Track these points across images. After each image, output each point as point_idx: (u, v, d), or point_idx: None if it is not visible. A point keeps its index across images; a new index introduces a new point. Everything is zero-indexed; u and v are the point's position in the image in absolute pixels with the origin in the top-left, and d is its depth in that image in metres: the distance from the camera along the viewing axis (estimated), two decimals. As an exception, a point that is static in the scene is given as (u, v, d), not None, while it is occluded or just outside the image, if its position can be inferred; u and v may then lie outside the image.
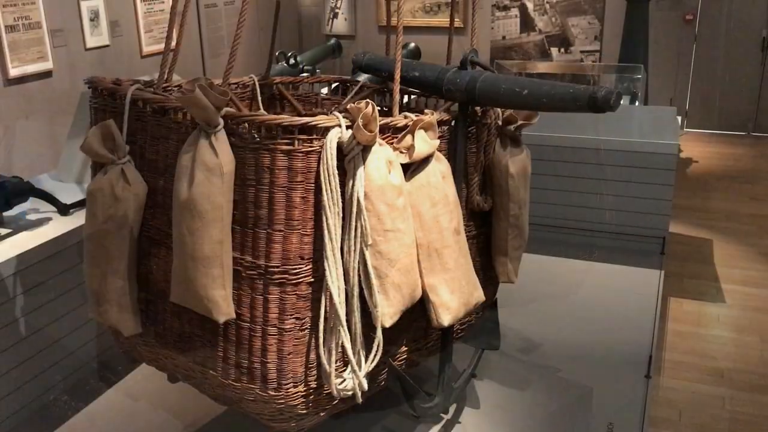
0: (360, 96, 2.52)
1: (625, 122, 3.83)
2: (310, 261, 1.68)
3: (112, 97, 1.96)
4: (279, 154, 1.61)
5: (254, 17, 7.98)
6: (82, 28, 5.85)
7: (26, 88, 5.37)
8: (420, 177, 1.78)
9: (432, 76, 1.99)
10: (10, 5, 5.11)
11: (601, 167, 3.57)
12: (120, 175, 1.84)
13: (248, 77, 2.56)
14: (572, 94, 1.69)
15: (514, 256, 2.18)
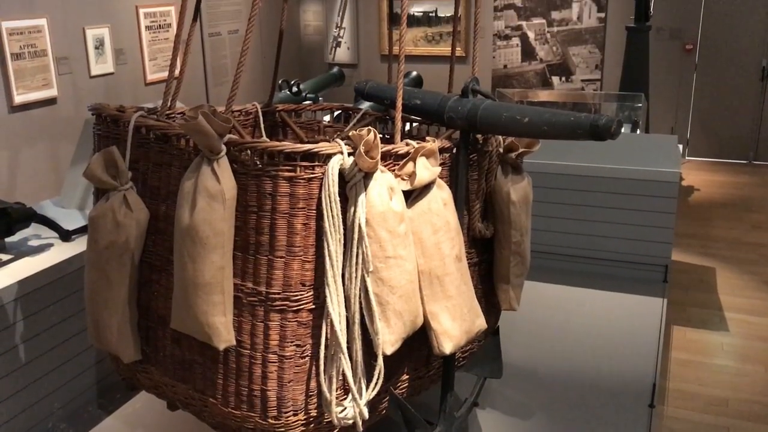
0: (362, 123, 2.54)
1: (626, 150, 3.83)
2: (312, 288, 1.67)
3: (116, 124, 1.97)
4: (281, 181, 1.61)
5: (258, 46, 8.05)
6: (87, 55, 5.91)
7: (30, 114, 5.40)
8: (421, 204, 1.78)
9: (434, 104, 2.01)
10: (16, 33, 5.17)
11: (602, 195, 3.57)
12: (122, 202, 1.84)
13: (251, 104, 2.58)
14: (573, 122, 1.70)
15: (516, 283, 2.17)
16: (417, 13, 8.96)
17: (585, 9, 8.50)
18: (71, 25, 5.72)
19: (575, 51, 8.67)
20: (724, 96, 8.36)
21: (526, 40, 8.81)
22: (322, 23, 9.61)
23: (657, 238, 3.53)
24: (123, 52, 6.33)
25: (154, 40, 6.69)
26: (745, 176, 8.02)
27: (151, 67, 6.67)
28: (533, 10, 8.67)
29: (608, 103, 7.67)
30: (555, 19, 8.62)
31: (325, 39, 9.60)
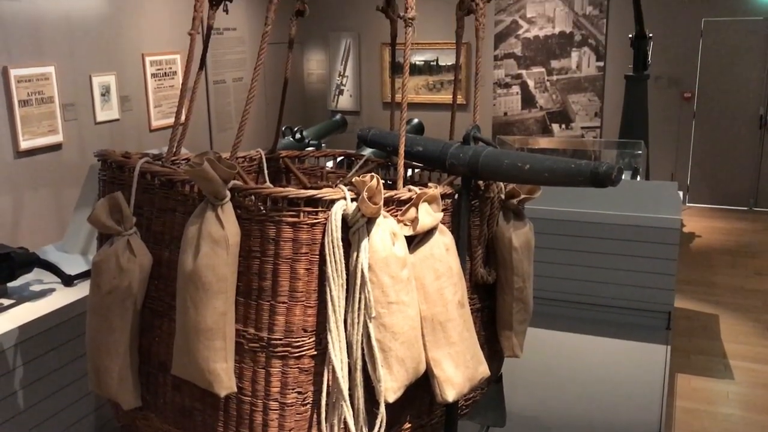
0: (365, 169, 2.56)
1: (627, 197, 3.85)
2: (313, 333, 1.67)
3: (121, 170, 1.99)
4: (284, 226, 1.62)
5: (262, 93, 8.17)
6: (93, 102, 6.00)
7: (36, 160, 5.45)
8: (424, 249, 1.79)
9: (435, 151, 2.03)
10: (25, 81, 5.25)
11: (604, 241, 3.58)
12: (126, 247, 1.85)
13: (255, 151, 2.61)
14: (574, 169, 1.71)
15: (519, 330, 2.16)
16: (419, 62, 9.11)
17: (584, 58, 8.63)
18: (78, 72, 5.82)
19: (575, 99, 8.78)
20: (723, 143, 8.43)
21: (526, 88, 8.93)
22: (325, 72, 9.76)
23: (659, 284, 3.52)
24: (128, 99, 6.42)
25: (160, 87, 6.79)
26: (745, 223, 8.03)
27: (156, 113, 6.75)
28: (533, 59, 8.81)
29: (608, 150, 7.73)
30: (554, 68, 8.76)
31: (328, 87, 9.73)
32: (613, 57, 8.48)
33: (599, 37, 8.51)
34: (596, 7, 8.45)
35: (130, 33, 6.39)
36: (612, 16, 8.42)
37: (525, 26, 8.75)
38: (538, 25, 8.70)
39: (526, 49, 8.80)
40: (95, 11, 5.99)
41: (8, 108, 5.17)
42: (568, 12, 8.55)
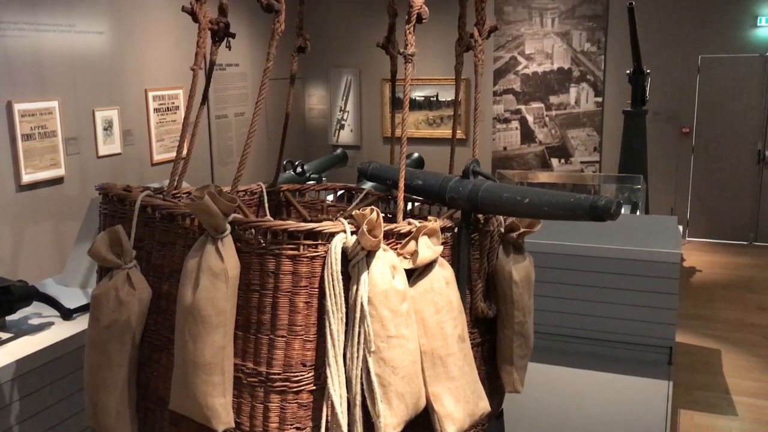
0: (365, 203, 2.57)
1: (626, 231, 3.86)
2: (312, 368, 1.66)
3: (122, 203, 2.00)
4: (284, 259, 1.63)
5: (263, 128, 8.23)
6: (96, 136, 6.04)
7: (37, 193, 5.47)
8: (424, 282, 1.78)
9: (435, 185, 2.04)
10: (28, 115, 5.30)
11: (604, 275, 3.57)
12: (125, 280, 1.85)
13: (256, 185, 2.62)
14: (574, 203, 1.72)
15: (520, 364, 2.14)
16: (419, 98, 9.19)
17: (582, 93, 8.72)
18: (82, 107, 5.87)
19: (573, 134, 8.84)
20: (721, 178, 8.46)
21: (525, 123, 9.00)
22: (326, 107, 9.85)
23: (660, 319, 3.51)
24: (131, 133, 6.46)
25: (162, 122, 6.84)
26: (746, 257, 8.02)
27: (158, 147, 6.79)
28: (532, 95, 8.89)
29: (607, 184, 7.77)
30: (553, 103, 8.83)
31: (329, 121, 9.81)
32: (612, 92, 8.56)
33: (597, 73, 8.60)
34: (594, 43, 8.56)
35: (133, 68, 6.47)
36: (610, 53, 8.53)
37: (524, 62, 8.86)
38: (536, 62, 8.81)
39: (525, 84, 8.89)
40: (99, 47, 6.06)
41: (11, 142, 5.20)
42: (567, 48, 8.66)
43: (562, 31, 8.63)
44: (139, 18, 6.48)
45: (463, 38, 2.34)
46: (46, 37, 5.49)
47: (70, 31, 5.72)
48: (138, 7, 6.47)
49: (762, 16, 7.92)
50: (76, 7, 5.77)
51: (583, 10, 8.50)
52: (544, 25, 8.69)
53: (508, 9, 8.75)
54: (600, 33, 8.50)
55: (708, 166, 8.50)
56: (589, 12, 8.49)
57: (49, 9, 5.51)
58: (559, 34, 8.65)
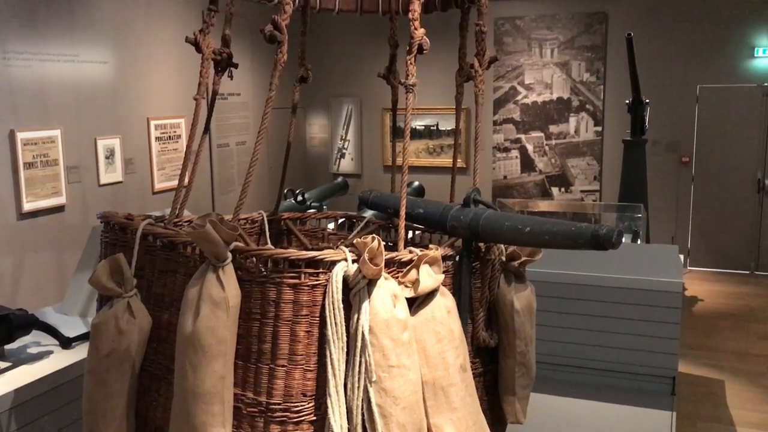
0: (366, 231, 2.57)
1: (627, 260, 3.85)
2: (313, 398, 1.64)
3: (123, 232, 2.00)
4: (285, 288, 1.62)
5: (264, 156, 8.26)
6: (98, 165, 6.06)
7: (38, 222, 5.48)
8: (425, 311, 1.78)
9: (436, 213, 2.04)
10: (31, 144, 5.33)
11: (605, 304, 3.56)
12: (126, 309, 1.84)
13: (257, 213, 2.63)
14: (575, 231, 1.72)
15: (522, 395, 2.13)
16: (419, 127, 9.25)
17: (582, 123, 8.77)
18: (84, 135, 5.90)
19: (573, 163, 8.87)
20: (722, 207, 8.48)
21: (525, 152, 9.04)
22: (327, 136, 9.90)
23: (662, 349, 3.49)
24: (132, 162, 6.49)
25: (164, 151, 6.87)
26: (747, 287, 8.00)
27: (159, 176, 6.81)
28: (531, 124, 8.94)
29: (608, 213, 7.77)
30: (553, 133, 8.88)
31: (330, 150, 9.86)
32: (611, 122, 8.61)
33: (597, 103, 8.66)
34: (593, 74, 8.63)
35: (136, 97, 6.52)
36: (609, 83, 8.59)
37: (523, 92, 8.92)
38: (536, 92, 8.87)
39: (524, 114, 8.95)
40: (103, 76, 6.12)
41: (13, 170, 5.22)
42: (566, 79, 8.73)
43: (562, 61, 8.71)
44: (142, 48, 6.55)
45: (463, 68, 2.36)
46: (49, 67, 5.55)
47: (73, 60, 5.78)
48: (142, 37, 6.54)
49: (759, 47, 8.00)
50: (80, 37, 5.84)
51: (582, 41, 8.59)
52: (544, 55, 8.78)
53: (507, 40, 8.85)
54: (599, 63, 8.57)
55: (708, 195, 8.52)
56: (588, 42, 8.57)
57: (54, 39, 5.57)
58: (558, 64, 8.73)
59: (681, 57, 8.28)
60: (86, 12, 5.89)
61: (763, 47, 7.99)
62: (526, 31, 8.80)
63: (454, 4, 2.45)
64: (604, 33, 8.51)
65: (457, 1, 2.43)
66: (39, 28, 5.44)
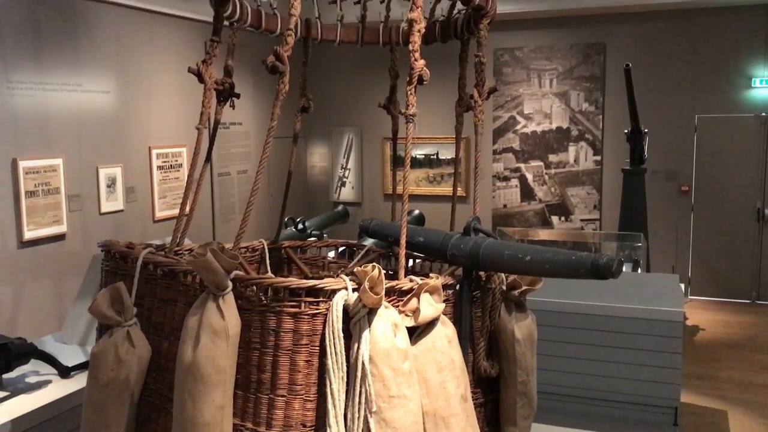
0: (366, 260, 2.57)
1: (628, 289, 3.85)
2: (312, 429, 1.63)
3: (124, 260, 2.00)
4: (285, 317, 1.62)
5: (266, 185, 8.29)
6: (99, 193, 6.08)
7: (39, 250, 5.48)
8: (426, 341, 1.77)
9: (436, 242, 2.05)
10: (33, 172, 5.35)
11: (606, 334, 3.54)
12: (125, 338, 1.84)
13: (258, 241, 2.63)
14: (575, 260, 1.72)
15: (524, 425, 2.11)
16: (419, 156, 9.29)
17: (581, 152, 8.81)
18: (86, 164, 5.93)
19: (573, 192, 8.89)
20: (722, 236, 8.47)
21: (525, 181, 9.06)
22: (328, 164, 9.94)
23: (664, 378, 3.46)
24: (134, 191, 6.51)
25: (165, 179, 6.90)
26: (749, 316, 7.97)
27: (161, 204, 6.83)
28: (531, 153, 8.98)
29: (608, 242, 7.77)
30: (552, 162, 8.92)
31: (331, 179, 9.89)
32: (610, 151, 8.65)
33: (596, 132, 8.71)
34: (592, 103, 8.69)
35: (138, 126, 6.56)
36: (607, 112, 8.65)
37: (523, 122, 8.98)
38: (535, 121, 8.93)
39: (524, 143, 8.99)
40: (105, 105, 6.17)
41: (15, 199, 5.24)
42: (565, 108, 8.80)
43: (560, 91, 8.78)
44: (145, 77, 6.61)
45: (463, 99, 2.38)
46: (53, 96, 5.59)
47: (76, 90, 5.83)
48: (144, 66, 6.60)
49: (756, 78, 8.06)
50: (84, 66, 5.90)
51: (581, 71, 8.67)
52: (543, 85, 8.85)
53: (507, 70, 8.93)
54: (598, 93, 8.64)
55: (708, 224, 8.52)
56: (587, 73, 8.65)
57: (57, 69, 5.62)
58: (557, 94, 8.80)
59: (679, 87, 8.35)
60: (90, 42, 5.96)
61: (761, 78, 8.06)
62: (525, 62, 8.88)
63: (454, 35, 2.48)
64: (603, 63, 8.59)
65: (456, 33, 2.47)
66: (43, 58, 5.50)
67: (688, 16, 8.18)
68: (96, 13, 6.01)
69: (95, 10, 6.00)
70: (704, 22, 8.15)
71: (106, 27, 6.12)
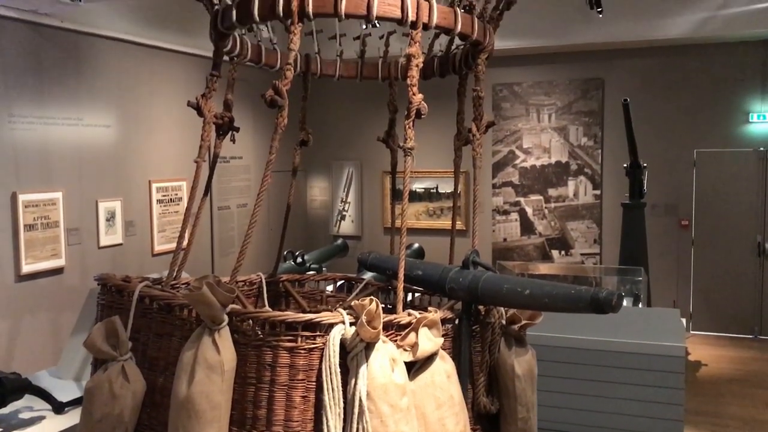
0: (364, 293, 2.56)
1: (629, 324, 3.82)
2: (309, 467, 1.60)
3: (120, 294, 1.99)
4: (281, 351, 1.60)
5: (265, 218, 8.29)
6: (98, 227, 6.08)
7: (36, 284, 5.45)
8: (424, 376, 1.75)
9: (435, 275, 2.03)
10: (32, 206, 5.35)
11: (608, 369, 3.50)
12: (120, 372, 1.81)
13: (255, 275, 2.61)
14: (574, 294, 1.71)
15: (524, 463, 2.07)
16: (419, 189, 9.31)
17: (580, 186, 8.83)
18: (85, 198, 5.94)
19: (573, 226, 8.89)
20: (723, 270, 8.44)
21: (524, 215, 9.07)
22: (327, 198, 9.96)
23: (667, 414, 3.42)
24: (133, 224, 6.51)
25: (164, 213, 6.90)
26: (752, 351, 7.90)
27: (159, 238, 6.82)
28: (530, 187, 9.00)
29: (608, 276, 7.74)
30: (552, 196, 8.93)
31: (331, 212, 9.90)
32: (609, 185, 8.67)
33: (595, 167, 8.74)
34: (591, 138, 8.74)
35: (138, 160, 6.58)
36: (606, 147, 8.69)
37: (522, 156, 9.02)
38: (534, 155, 8.97)
39: (523, 177, 9.02)
40: (106, 139, 6.20)
41: (13, 233, 5.23)
42: (564, 143, 8.84)
43: (559, 126, 8.83)
44: (145, 111, 6.66)
45: (461, 133, 2.39)
46: (54, 130, 5.62)
47: (77, 124, 5.87)
48: (145, 100, 6.65)
49: (753, 113, 8.12)
50: (85, 101, 5.94)
51: (579, 106, 8.73)
52: (541, 120, 8.91)
53: (505, 105, 8.99)
54: (596, 128, 8.69)
55: (709, 259, 8.50)
56: (585, 108, 8.71)
57: (59, 103, 5.67)
58: (556, 129, 8.85)
59: (677, 122, 8.40)
60: (92, 76, 6.01)
61: (758, 113, 8.12)
62: (523, 97, 8.96)
63: (452, 70, 2.50)
64: (601, 98, 8.66)
65: (454, 68, 2.49)
66: (45, 92, 5.54)
67: (684, 51, 8.27)
68: (98, 48, 6.08)
69: (97, 45, 6.06)
70: (701, 57, 8.24)
71: (107, 61, 6.18)
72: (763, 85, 8.09)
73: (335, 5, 1.87)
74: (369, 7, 1.87)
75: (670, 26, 7.60)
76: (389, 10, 1.91)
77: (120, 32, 6.25)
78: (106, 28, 6.07)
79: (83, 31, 5.85)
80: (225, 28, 2.11)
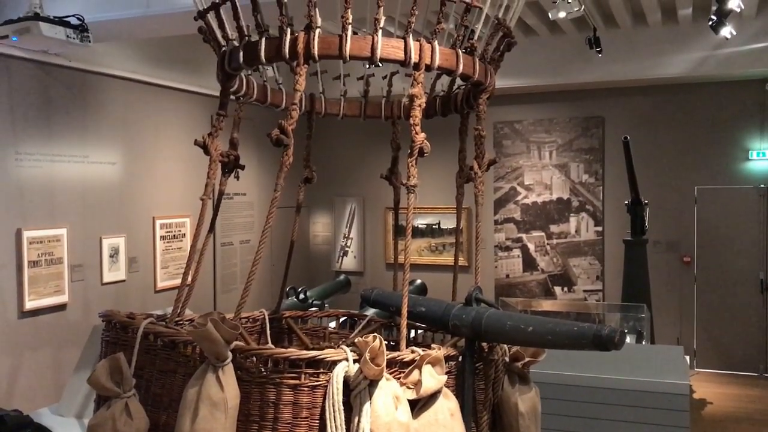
0: (368, 330, 2.56)
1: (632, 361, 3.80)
2: (312, 505, 1.59)
3: (124, 331, 1.99)
4: (285, 389, 1.60)
5: (268, 254, 8.30)
6: (101, 263, 6.09)
7: (39, 320, 5.45)
8: (428, 414, 1.74)
9: (438, 312, 2.04)
10: (36, 242, 5.38)
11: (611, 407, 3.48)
12: (123, 410, 1.81)
13: (259, 311, 2.62)
14: (577, 331, 1.71)
15: (528, 502, 2.05)
16: (421, 226, 9.34)
17: (582, 223, 8.85)
18: (89, 234, 5.96)
19: (575, 262, 8.89)
20: (726, 307, 8.41)
21: (526, 251, 9.07)
22: (330, 234, 9.98)
23: (673, 454, 3.38)
24: (136, 261, 6.52)
25: (168, 249, 6.92)
26: (757, 389, 7.82)
27: (162, 274, 6.83)
28: (532, 224, 9.02)
29: (611, 313, 7.70)
30: (554, 232, 8.95)
31: (333, 248, 9.91)
32: (611, 222, 8.69)
33: (596, 203, 8.77)
34: (592, 175, 8.79)
35: (142, 197, 6.62)
36: (607, 184, 8.73)
37: (523, 193, 9.06)
38: (536, 192, 9.01)
39: (525, 214, 9.05)
40: (111, 176, 6.25)
41: (17, 269, 5.25)
42: (565, 180, 8.89)
43: (560, 163, 8.89)
44: (151, 149, 6.72)
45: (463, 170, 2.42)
46: (59, 167, 5.68)
47: (83, 161, 5.92)
48: (150, 138, 6.72)
49: (753, 150, 8.18)
50: (91, 138, 6.00)
51: (580, 144, 8.80)
52: (542, 157, 8.97)
53: (507, 142, 9.07)
54: (597, 165, 8.75)
55: (711, 295, 8.47)
56: (586, 145, 8.78)
57: (65, 140, 5.73)
58: (557, 166, 8.90)
59: (677, 159, 8.45)
60: (98, 114, 6.09)
61: (757, 150, 8.18)
62: (524, 134, 9.03)
63: (454, 109, 2.54)
64: (602, 136, 8.73)
65: (456, 107, 2.52)
66: (51, 130, 5.61)
67: (684, 90, 8.36)
68: (104, 87, 6.16)
69: (104, 83, 6.15)
70: (700, 96, 8.32)
71: (114, 100, 6.27)
72: (762, 123, 8.16)
73: (340, 48, 1.91)
74: (373, 49, 1.92)
75: (667, 65, 7.69)
76: (392, 52, 1.95)
77: (127, 71, 6.35)
78: (113, 67, 6.16)
79: (91, 70, 5.95)
80: (232, 69, 2.15)
